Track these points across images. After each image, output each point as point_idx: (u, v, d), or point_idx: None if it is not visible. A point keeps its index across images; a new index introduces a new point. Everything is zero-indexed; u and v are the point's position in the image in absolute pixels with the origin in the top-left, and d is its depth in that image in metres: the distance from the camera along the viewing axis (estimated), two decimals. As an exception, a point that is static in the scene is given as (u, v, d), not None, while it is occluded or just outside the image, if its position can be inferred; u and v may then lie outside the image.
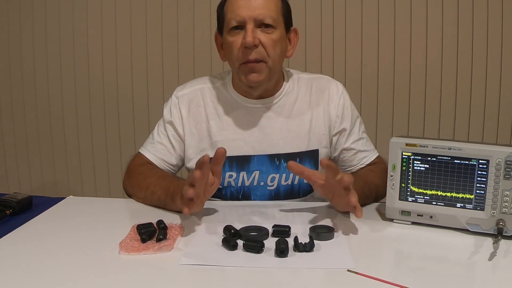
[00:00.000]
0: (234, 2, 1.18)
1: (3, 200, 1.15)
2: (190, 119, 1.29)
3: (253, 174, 1.28)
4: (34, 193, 1.25)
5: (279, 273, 0.84)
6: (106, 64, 2.45)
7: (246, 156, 1.27)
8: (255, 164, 1.28)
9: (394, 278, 0.80)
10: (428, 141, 1.03)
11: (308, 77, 1.34)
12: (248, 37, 1.15)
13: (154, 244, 0.93)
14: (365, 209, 1.16)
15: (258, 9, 1.17)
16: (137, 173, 1.26)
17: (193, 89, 1.32)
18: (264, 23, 1.17)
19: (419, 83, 2.32)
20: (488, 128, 2.31)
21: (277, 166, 1.28)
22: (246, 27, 1.16)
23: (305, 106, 1.30)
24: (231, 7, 1.19)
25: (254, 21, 1.16)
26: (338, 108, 1.30)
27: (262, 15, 1.16)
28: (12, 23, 2.46)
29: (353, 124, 1.32)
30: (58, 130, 2.53)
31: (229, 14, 1.19)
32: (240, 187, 1.29)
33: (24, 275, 0.82)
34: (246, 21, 1.16)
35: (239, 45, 1.17)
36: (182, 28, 2.38)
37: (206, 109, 1.30)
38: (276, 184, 1.29)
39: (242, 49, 1.17)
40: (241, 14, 1.16)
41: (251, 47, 1.16)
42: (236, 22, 1.17)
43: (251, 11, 1.16)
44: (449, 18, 2.25)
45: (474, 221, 0.99)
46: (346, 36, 2.32)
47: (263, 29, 1.18)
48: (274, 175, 1.28)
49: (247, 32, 1.16)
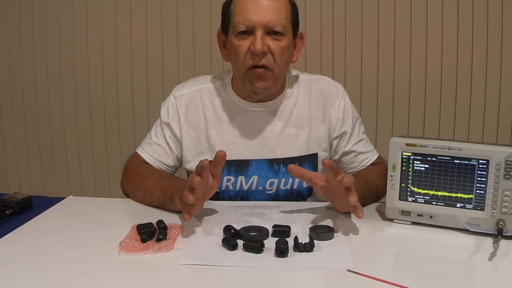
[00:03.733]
0: (243, 4, 1.14)
1: (3, 200, 1.15)
2: (188, 121, 1.27)
3: (252, 179, 1.26)
4: (34, 193, 1.25)
5: (279, 273, 0.84)
6: (106, 64, 2.45)
7: (244, 160, 1.26)
8: (254, 169, 1.26)
9: (394, 278, 0.80)
10: (428, 141, 1.02)
11: (308, 78, 1.31)
12: (257, 44, 1.10)
13: (154, 244, 0.92)
14: (365, 209, 1.16)
15: (268, 14, 1.12)
16: (135, 174, 1.25)
17: (191, 90, 1.28)
18: (274, 31, 1.13)
19: (419, 83, 2.32)
20: (488, 128, 2.30)
21: (276, 171, 1.26)
22: (256, 33, 1.12)
23: (304, 109, 1.28)
24: (240, 9, 1.14)
25: (264, 27, 1.12)
26: (339, 111, 1.28)
27: (272, 22, 1.12)
28: (12, 23, 2.46)
29: (353, 127, 1.30)
30: (58, 130, 2.53)
31: (237, 16, 1.14)
32: (238, 191, 1.27)
33: (24, 275, 0.82)
34: (255, 27, 1.12)
35: (246, 50, 1.14)
36: (182, 28, 2.38)
37: (204, 111, 1.27)
38: (275, 188, 1.27)
39: (249, 55, 1.14)
40: (251, 19, 1.11)
41: (260, 54, 1.12)
42: (245, 26, 1.13)
43: (261, 16, 1.11)
44: (449, 18, 2.25)
45: (474, 221, 0.99)
46: (346, 36, 2.32)
47: (273, 36, 1.13)
48: (273, 179, 1.27)
49: (256, 38, 1.11)
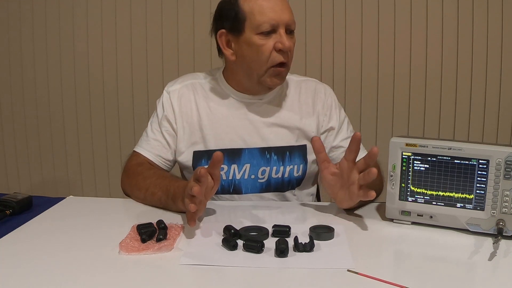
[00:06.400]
0: (261, 4, 1.19)
1: (3, 200, 1.15)
2: (181, 113, 1.32)
3: (244, 167, 1.30)
4: (34, 193, 1.25)
5: (279, 273, 0.84)
6: (106, 64, 2.45)
7: (237, 149, 1.29)
8: (246, 157, 1.30)
9: (394, 278, 0.80)
10: (428, 141, 1.02)
11: (297, 79, 1.39)
12: (287, 42, 1.19)
13: (154, 244, 0.93)
14: (365, 209, 1.17)
15: (287, 13, 1.21)
16: (135, 174, 1.26)
17: (184, 84, 1.34)
18: (290, 29, 1.22)
19: (419, 83, 2.32)
20: (488, 128, 2.31)
21: (268, 159, 1.30)
22: (280, 32, 1.20)
23: (294, 104, 1.34)
24: (260, 9, 1.19)
25: (285, 25, 1.20)
26: (325, 107, 1.35)
27: (291, 20, 1.21)
28: (12, 23, 2.46)
29: (341, 124, 1.37)
30: (58, 130, 2.53)
31: (259, 16, 1.19)
32: (231, 180, 1.30)
33: (24, 275, 0.82)
34: (279, 26, 1.19)
35: (271, 47, 1.20)
36: (182, 28, 2.38)
37: (197, 103, 1.32)
38: (267, 177, 1.31)
39: (274, 52, 1.20)
40: (275, 18, 1.19)
41: (287, 51, 1.21)
42: (271, 26, 1.19)
43: (284, 15, 1.20)
44: (449, 18, 2.25)
45: (474, 221, 0.99)
46: (346, 36, 2.32)
47: (287, 34, 1.21)
48: (264, 168, 1.30)
49: (283, 36, 1.19)
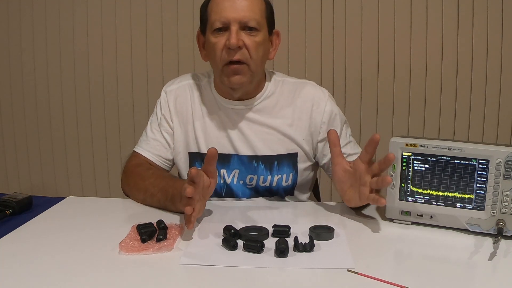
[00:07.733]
0: (219, 3, 1.18)
1: (3, 200, 1.15)
2: (178, 113, 1.32)
3: (233, 172, 1.29)
4: (34, 193, 1.25)
5: (279, 273, 0.84)
6: (106, 65, 2.45)
7: (227, 154, 1.29)
8: (235, 163, 1.29)
9: (394, 278, 0.80)
10: (428, 141, 1.02)
11: (293, 81, 1.34)
12: (232, 38, 1.15)
13: (154, 244, 0.93)
14: (365, 209, 1.16)
15: (243, 11, 1.17)
16: (134, 174, 1.26)
17: (181, 85, 1.34)
18: (248, 26, 1.18)
19: (419, 83, 2.32)
20: (488, 128, 2.30)
21: (255, 167, 1.28)
22: (231, 29, 1.17)
23: (286, 109, 1.29)
24: (216, 8, 1.19)
25: (239, 23, 1.17)
26: (324, 115, 1.29)
27: (247, 17, 1.17)
28: (12, 23, 2.46)
29: (341, 130, 1.32)
30: (58, 130, 2.53)
31: (213, 15, 1.19)
32: (222, 184, 1.30)
33: (24, 275, 0.82)
34: (230, 23, 1.17)
35: (223, 46, 1.18)
36: (182, 28, 2.38)
37: (192, 104, 1.32)
38: (255, 184, 1.30)
39: (225, 50, 1.18)
40: (226, 15, 1.16)
41: (235, 48, 1.16)
42: (221, 23, 1.17)
43: (236, 13, 1.16)
44: (449, 18, 2.25)
45: (474, 221, 0.99)
46: (346, 36, 2.32)
47: (247, 32, 1.18)
48: (252, 176, 1.29)
49: (231, 33, 1.16)
